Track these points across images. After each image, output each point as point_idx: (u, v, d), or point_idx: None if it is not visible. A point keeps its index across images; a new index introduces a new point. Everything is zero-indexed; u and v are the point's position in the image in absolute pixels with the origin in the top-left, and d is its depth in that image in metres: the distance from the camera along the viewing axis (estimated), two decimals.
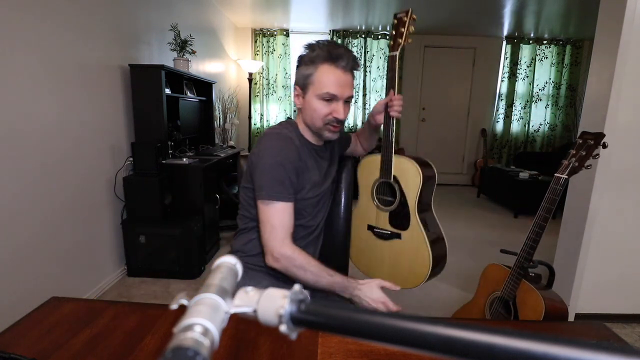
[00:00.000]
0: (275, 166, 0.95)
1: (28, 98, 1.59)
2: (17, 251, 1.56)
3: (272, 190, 0.95)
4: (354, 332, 0.26)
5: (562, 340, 0.20)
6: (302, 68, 0.98)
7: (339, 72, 0.95)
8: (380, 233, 1.23)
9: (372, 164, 1.24)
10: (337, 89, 0.95)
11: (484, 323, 0.98)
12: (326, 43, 0.97)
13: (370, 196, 1.24)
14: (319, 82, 0.95)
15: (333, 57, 0.94)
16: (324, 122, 0.99)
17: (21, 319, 0.68)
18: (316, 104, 0.97)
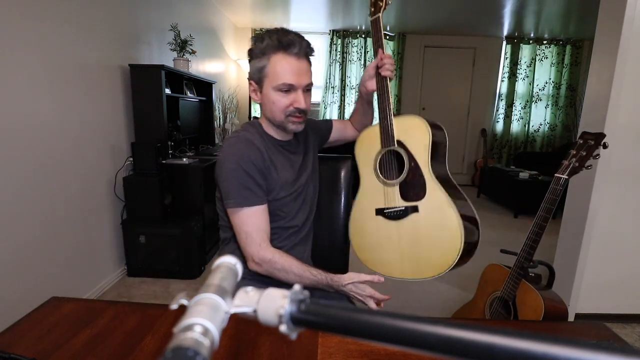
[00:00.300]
0: (237, 171, 0.92)
1: (28, 98, 1.59)
2: (17, 251, 1.56)
3: (239, 197, 0.92)
4: (354, 332, 0.26)
5: (562, 340, 0.20)
6: (255, 61, 0.93)
7: (292, 60, 0.90)
8: (393, 213, 1.01)
9: (370, 136, 1.08)
10: (294, 77, 0.90)
11: (484, 323, 0.98)
12: (275, 31, 0.91)
13: (374, 174, 1.06)
14: (273, 74, 0.90)
15: (284, 44, 0.89)
16: (285, 115, 0.94)
17: (21, 319, 0.68)
18: (274, 96, 0.93)
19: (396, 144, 1.02)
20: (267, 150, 0.98)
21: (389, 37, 5.09)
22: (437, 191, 0.96)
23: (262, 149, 0.97)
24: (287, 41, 0.89)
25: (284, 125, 0.97)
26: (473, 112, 5.42)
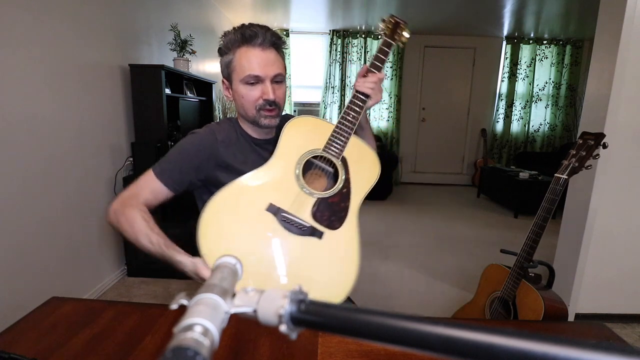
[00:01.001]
0: (179, 148, 0.93)
1: (28, 98, 1.59)
2: (17, 251, 1.56)
3: (160, 165, 0.91)
4: (354, 332, 0.26)
5: (562, 340, 0.20)
6: (222, 58, 0.93)
7: (257, 52, 0.89)
8: (294, 224, 0.84)
9: (310, 127, 0.93)
10: (259, 68, 0.89)
11: (484, 323, 0.98)
12: (240, 26, 0.91)
13: (293, 168, 0.88)
14: (239, 67, 0.90)
15: (246, 37, 0.88)
16: (256, 109, 0.92)
17: (21, 319, 0.68)
18: (242, 90, 0.91)
19: (340, 158, 0.91)
20: (241, 146, 0.97)
21: None
22: (353, 231, 0.86)
23: (227, 142, 0.95)
24: (250, 33, 0.88)
25: (257, 121, 0.94)
26: (473, 112, 5.42)
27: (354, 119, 0.92)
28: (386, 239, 3.11)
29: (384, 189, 4.52)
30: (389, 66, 5.17)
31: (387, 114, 5.28)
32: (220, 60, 0.95)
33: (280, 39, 0.93)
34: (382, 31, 0.97)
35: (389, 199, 4.57)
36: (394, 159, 4.48)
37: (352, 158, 0.92)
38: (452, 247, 2.92)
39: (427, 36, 5.11)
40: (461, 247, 2.91)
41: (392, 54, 5.12)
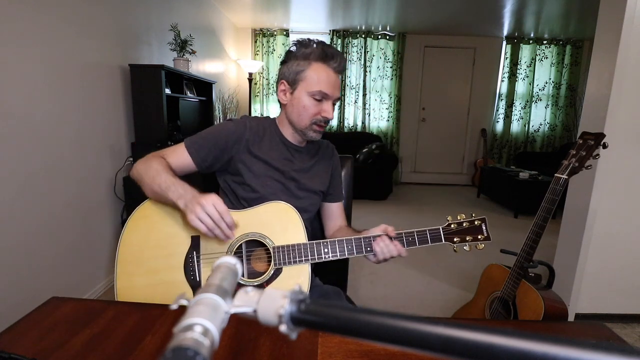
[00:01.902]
0: (210, 128, 1.00)
1: (28, 98, 1.59)
2: (17, 251, 1.56)
3: (190, 138, 0.97)
4: (354, 332, 0.26)
5: (562, 340, 0.20)
6: (293, 63, 0.96)
7: (331, 72, 0.94)
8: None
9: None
10: (329, 88, 0.94)
11: (484, 323, 0.98)
12: (319, 42, 0.96)
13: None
14: (311, 79, 0.93)
15: (327, 56, 0.93)
16: (311, 121, 0.97)
17: (21, 319, 0.68)
18: (306, 100, 0.95)
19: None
20: (273, 144, 1.01)
21: (389, 37, 5.09)
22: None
23: (257, 131, 1.00)
24: (331, 53, 0.93)
25: (305, 132, 0.99)
26: (473, 112, 5.42)
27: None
28: None
29: (384, 189, 4.52)
30: (389, 66, 5.17)
31: (387, 114, 5.28)
32: (286, 63, 0.98)
33: (345, 69, 0.99)
34: (457, 222, 0.89)
35: (389, 199, 4.57)
36: (394, 159, 4.48)
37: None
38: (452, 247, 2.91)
39: (427, 36, 5.11)
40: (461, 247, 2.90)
41: (392, 54, 5.12)
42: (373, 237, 0.90)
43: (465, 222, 0.90)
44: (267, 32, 5.02)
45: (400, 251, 0.91)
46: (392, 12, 4.25)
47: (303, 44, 0.96)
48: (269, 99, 5.18)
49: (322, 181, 1.08)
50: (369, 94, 5.18)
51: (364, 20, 4.63)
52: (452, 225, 0.91)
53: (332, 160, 1.13)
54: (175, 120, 2.70)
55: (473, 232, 0.89)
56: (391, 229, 0.92)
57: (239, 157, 0.98)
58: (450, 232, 0.90)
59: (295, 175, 1.02)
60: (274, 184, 0.99)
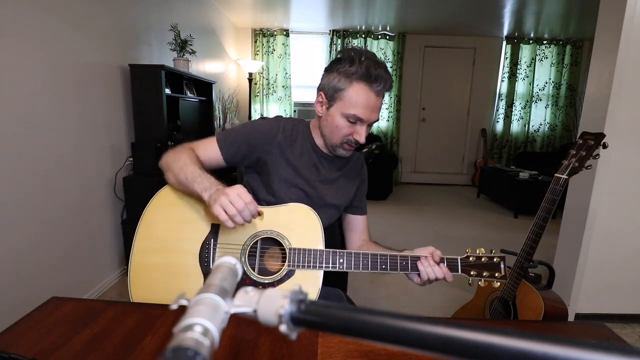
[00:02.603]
0: (243, 124, 1.00)
1: (28, 98, 1.59)
2: (17, 251, 1.56)
3: (223, 134, 0.98)
4: (354, 332, 0.26)
5: (562, 340, 0.20)
6: (334, 77, 0.91)
7: (372, 95, 0.88)
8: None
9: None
10: (366, 113, 0.89)
11: (484, 323, 0.98)
12: (366, 58, 0.88)
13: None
14: (349, 100, 0.89)
15: (372, 77, 0.86)
16: (342, 141, 0.94)
17: (21, 319, 0.68)
18: (339, 120, 0.91)
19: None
20: (304, 148, 1.00)
21: (389, 37, 5.09)
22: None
23: (289, 134, 0.99)
24: (376, 75, 0.87)
25: (335, 149, 0.97)
26: (473, 112, 5.42)
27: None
28: (386, 239, 3.09)
29: (384, 189, 4.52)
30: (389, 66, 5.16)
31: (387, 114, 5.28)
32: (328, 73, 0.93)
33: (391, 88, 0.92)
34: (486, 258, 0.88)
35: (389, 199, 4.57)
36: (394, 159, 4.48)
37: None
38: (452, 247, 2.92)
39: (427, 36, 5.11)
40: (461, 247, 2.90)
41: (392, 54, 5.13)
42: (412, 258, 0.88)
43: (485, 258, 0.88)
44: (267, 32, 5.02)
45: (446, 274, 0.88)
46: (392, 12, 4.25)
47: (349, 59, 0.89)
48: (268, 99, 5.18)
49: (346, 195, 1.06)
50: None
51: (364, 20, 4.63)
52: (470, 257, 0.89)
53: (360, 174, 1.11)
54: (175, 120, 2.70)
55: (490, 269, 0.88)
56: (438, 253, 0.89)
57: (268, 157, 0.98)
58: (467, 265, 0.89)
59: (319, 185, 1.01)
60: (297, 191, 0.99)
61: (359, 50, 0.90)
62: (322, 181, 1.01)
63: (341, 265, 0.87)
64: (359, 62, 0.87)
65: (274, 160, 0.97)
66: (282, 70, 5.08)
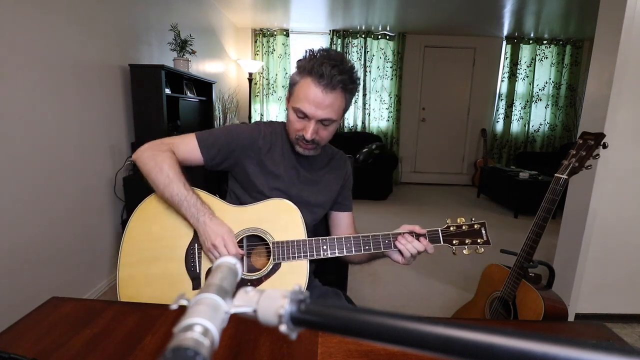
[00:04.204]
0: (224, 127, 1.00)
1: (28, 98, 1.59)
2: (17, 251, 1.55)
3: (202, 133, 0.97)
4: (354, 332, 0.26)
5: (562, 340, 0.20)
6: (294, 73, 0.93)
7: (318, 91, 0.86)
8: None
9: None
10: (310, 108, 0.87)
11: (484, 323, 0.98)
12: (320, 55, 0.88)
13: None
14: (297, 94, 0.90)
15: (316, 73, 0.85)
16: (295, 137, 0.94)
17: (21, 319, 0.68)
18: (291, 115, 0.93)
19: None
20: (275, 145, 1.00)
21: (389, 37, 5.09)
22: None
23: (269, 139, 0.99)
24: (321, 71, 0.85)
25: (294, 144, 0.97)
26: (473, 112, 5.42)
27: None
28: None
29: (384, 189, 4.52)
30: (389, 66, 5.17)
31: (387, 114, 5.28)
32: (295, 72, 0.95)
33: (351, 84, 0.89)
34: (467, 224, 0.90)
35: (389, 199, 4.57)
36: (394, 159, 4.48)
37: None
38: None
39: (427, 36, 5.11)
40: None
41: (392, 54, 5.12)
42: (393, 235, 0.90)
43: (465, 226, 0.90)
44: (267, 32, 5.02)
45: (427, 246, 0.90)
46: (392, 12, 4.24)
47: (308, 55, 0.90)
48: (268, 99, 5.18)
49: (330, 193, 1.06)
50: (369, 94, 5.18)
51: (364, 20, 4.62)
52: (451, 227, 0.91)
53: (344, 171, 1.10)
54: (175, 120, 2.70)
55: (472, 236, 0.89)
56: (418, 227, 0.91)
57: (248, 162, 0.98)
58: (449, 235, 0.90)
59: (300, 186, 1.01)
60: (278, 194, 0.98)
61: (325, 49, 0.90)
62: (303, 182, 1.01)
63: (325, 252, 0.89)
64: (314, 58, 0.88)
65: (254, 165, 0.98)
66: (282, 70, 5.08)
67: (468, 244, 0.90)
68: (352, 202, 1.14)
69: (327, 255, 0.89)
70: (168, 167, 0.87)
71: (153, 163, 0.89)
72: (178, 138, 0.97)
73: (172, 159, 0.90)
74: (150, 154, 0.90)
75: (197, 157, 0.96)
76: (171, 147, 0.93)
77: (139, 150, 0.93)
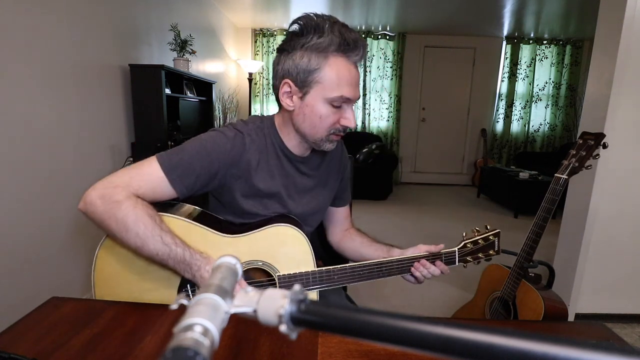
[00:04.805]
0: (196, 146, 0.75)
1: (28, 98, 1.59)
2: (17, 251, 1.56)
3: (168, 157, 0.73)
4: (354, 332, 0.26)
5: (562, 340, 0.20)
6: (301, 56, 0.71)
7: (352, 67, 0.72)
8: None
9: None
10: (353, 90, 0.73)
11: (484, 323, 0.98)
12: (335, 22, 0.70)
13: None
14: (330, 81, 0.71)
15: (350, 45, 0.69)
16: (329, 132, 0.77)
17: (21, 319, 0.68)
18: (322, 109, 0.73)
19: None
20: (265, 159, 0.82)
21: (389, 37, 5.09)
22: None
23: (257, 152, 0.81)
24: (354, 40, 0.69)
25: (320, 144, 0.78)
26: (473, 112, 5.42)
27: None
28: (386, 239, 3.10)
29: (384, 189, 4.52)
30: (389, 66, 5.17)
31: (387, 114, 5.28)
32: (289, 55, 0.73)
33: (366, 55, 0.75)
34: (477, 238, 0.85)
35: (389, 199, 4.57)
36: (394, 159, 4.48)
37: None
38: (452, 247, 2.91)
39: (427, 36, 5.11)
40: None
41: (392, 54, 5.12)
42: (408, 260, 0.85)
43: (481, 240, 0.86)
44: (267, 32, 5.02)
45: (443, 270, 0.85)
46: (392, 12, 4.24)
47: (317, 29, 0.70)
48: (268, 99, 5.18)
49: (329, 193, 0.96)
50: (369, 94, 5.18)
51: (364, 20, 4.62)
52: (467, 245, 0.86)
53: (341, 164, 0.99)
54: (175, 120, 2.70)
55: (486, 249, 0.86)
56: (433, 249, 0.86)
57: (233, 188, 0.81)
58: (464, 253, 0.86)
59: (298, 198, 0.89)
60: (275, 208, 0.86)
61: (321, 15, 0.71)
62: (301, 190, 0.89)
63: (335, 283, 0.81)
64: (331, 30, 0.69)
65: (242, 186, 0.82)
66: None
67: (481, 258, 0.87)
68: (350, 193, 1.06)
69: (338, 286, 0.81)
70: (134, 224, 0.67)
71: (113, 223, 0.67)
72: (134, 170, 0.72)
73: (135, 209, 0.68)
74: (105, 209, 0.67)
75: (166, 192, 0.74)
76: (129, 190, 0.70)
77: (87, 200, 0.69)
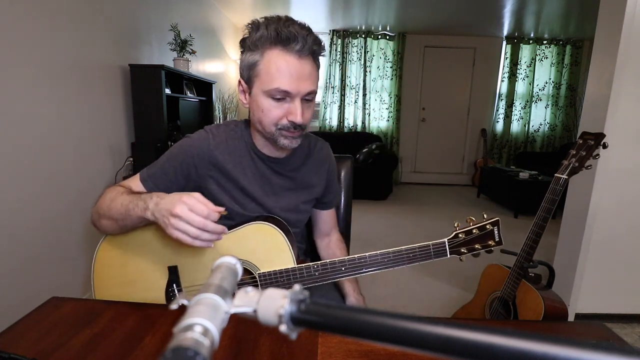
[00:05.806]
0: (166, 154, 0.83)
1: (28, 98, 1.59)
2: (17, 251, 1.56)
3: (146, 170, 0.82)
4: (354, 332, 0.26)
5: (562, 340, 0.20)
6: (245, 55, 0.76)
7: (292, 59, 0.72)
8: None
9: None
10: (291, 83, 0.72)
11: (484, 323, 0.98)
12: (276, 19, 0.75)
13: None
14: (267, 74, 0.72)
15: (283, 38, 0.71)
16: (276, 127, 0.76)
17: (21, 319, 0.68)
18: (264, 102, 0.74)
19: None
20: (248, 161, 0.84)
21: (389, 37, 5.09)
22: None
23: (225, 147, 0.83)
24: (287, 34, 0.71)
25: (274, 139, 0.79)
26: (473, 112, 5.42)
27: None
28: (386, 239, 3.11)
29: (384, 189, 4.52)
30: (389, 66, 5.17)
31: (387, 114, 5.28)
32: (241, 55, 0.78)
33: (321, 46, 0.76)
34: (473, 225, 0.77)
35: (389, 199, 4.57)
36: (394, 159, 4.48)
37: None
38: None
39: (427, 36, 5.11)
40: None
41: (392, 54, 5.12)
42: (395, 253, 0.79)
43: (475, 229, 0.77)
44: None
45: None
46: (392, 12, 4.24)
47: (253, 26, 0.75)
48: None
49: (312, 194, 0.94)
50: (369, 94, 5.18)
51: (364, 20, 4.63)
52: (459, 235, 0.77)
53: (325, 165, 0.96)
54: (175, 120, 2.70)
55: (483, 239, 0.76)
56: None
57: (209, 184, 0.83)
58: (457, 244, 0.77)
59: (273, 197, 0.88)
60: (253, 208, 0.86)
61: (265, 17, 0.76)
62: (277, 192, 0.88)
63: (316, 280, 0.78)
64: (266, 27, 0.73)
65: (216, 184, 0.83)
66: None
67: (478, 249, 0.78)
68: (336, 195, 1.04)
69: (318, 283, 0.79)
70: (108, 198, 0.75)
71: (97, 206, 0.77)
72: (125, 183, 0.83)
73: (109, 191, 0.77)
74: (96, 206, 0.78)
75: None
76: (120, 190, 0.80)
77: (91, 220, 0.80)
